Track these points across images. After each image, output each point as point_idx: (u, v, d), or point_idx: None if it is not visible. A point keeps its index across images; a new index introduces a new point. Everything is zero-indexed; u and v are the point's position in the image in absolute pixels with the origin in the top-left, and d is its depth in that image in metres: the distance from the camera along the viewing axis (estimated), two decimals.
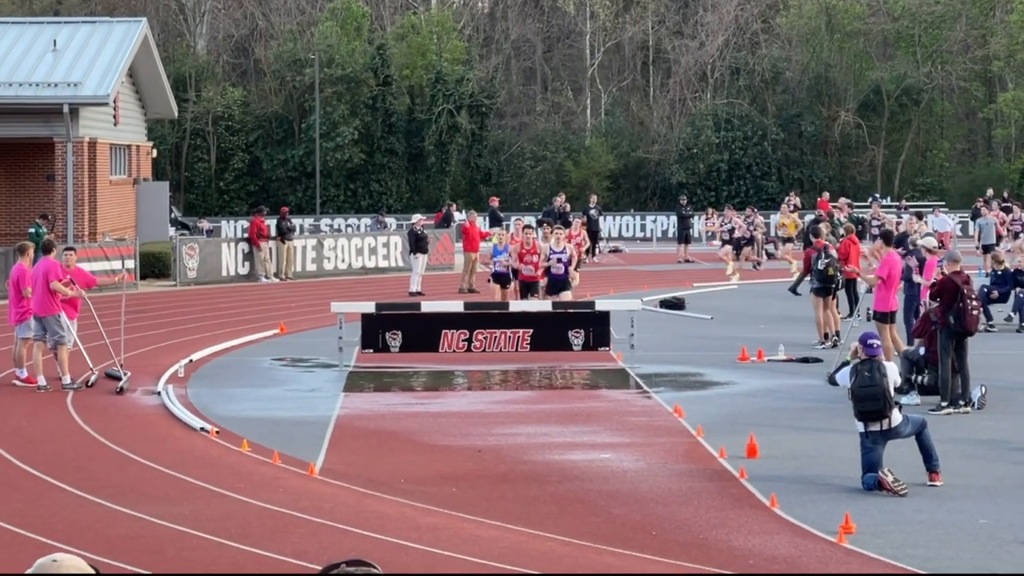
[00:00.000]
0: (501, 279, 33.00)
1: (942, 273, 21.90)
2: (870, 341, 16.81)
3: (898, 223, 44.91)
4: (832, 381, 16.67)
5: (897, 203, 64.06)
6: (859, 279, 28.40)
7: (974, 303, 21.34)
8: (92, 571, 4.49)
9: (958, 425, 19.95)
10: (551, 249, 30.73)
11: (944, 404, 20.93)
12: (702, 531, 14.47)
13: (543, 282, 31.17)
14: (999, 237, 44.93)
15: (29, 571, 4.47)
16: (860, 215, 52.51)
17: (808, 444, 18.93)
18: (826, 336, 28.55)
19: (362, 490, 16.29)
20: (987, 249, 38.09)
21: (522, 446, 19.09)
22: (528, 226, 32.59)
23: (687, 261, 53.07)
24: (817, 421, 20.59)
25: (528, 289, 31.22)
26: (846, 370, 16.79)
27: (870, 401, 16.22)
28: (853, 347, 17.11)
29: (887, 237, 27.60)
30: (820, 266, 28.76)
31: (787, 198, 56.72)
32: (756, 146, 74.84)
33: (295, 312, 35.87)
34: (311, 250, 48.61)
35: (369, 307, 27.45)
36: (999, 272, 31.08)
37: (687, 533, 14.38)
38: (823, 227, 32.41)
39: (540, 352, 26.64)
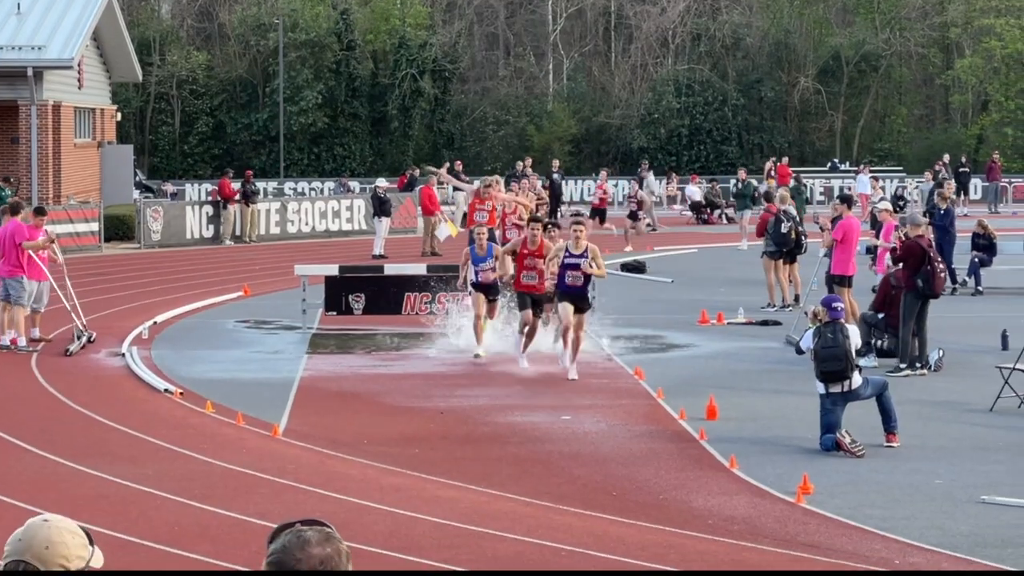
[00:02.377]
0: (485, 289, 23.61)
1: (904, 237, 22.08)
2: (834, 304, 17.04)
3: (850, 188, 45.11)
4: (799, 350, 16.85)
5: (855, 168, 64.25)
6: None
7: (940, 266, 21.59)
8: (83, 532, 4.56)
9: (915, 387, 20.17)
10: (568, 252, 21.69)
11: (902, 366, 21.15)
12: (662, 492, 14.65)
13: (550, 290, 22.65)
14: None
15: (19, 530, 4.51)
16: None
17: (767, 406, 19.13)
18: (783, 301, 28.83)
19: (325, 451, 16.42)
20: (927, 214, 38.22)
21: (484, 408, 19.24)
22: (536, 219, 23.88)
23: (648, 225, 53.17)
24: (776, 383, 20.79)
25: (535, 304, 22.76)
26: (808, 333, 16.98)
27: (832, 362, 16.42)
28: (813, 310, 17.30)
29: (846, 200, 27.91)
30: (784, 230, 29.04)
31: (767, 166, 56.75)
32: (717, 111, 74.99)
33: (259, 275, 35.89)
34: (275, 213, 48.57)
35: (332, 270, 27.52)
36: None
37: (647, 494, 14.55)
38: (777, 192, 32.65)
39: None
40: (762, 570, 11.59)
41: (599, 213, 47.97)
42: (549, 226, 23.79)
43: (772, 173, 54.21)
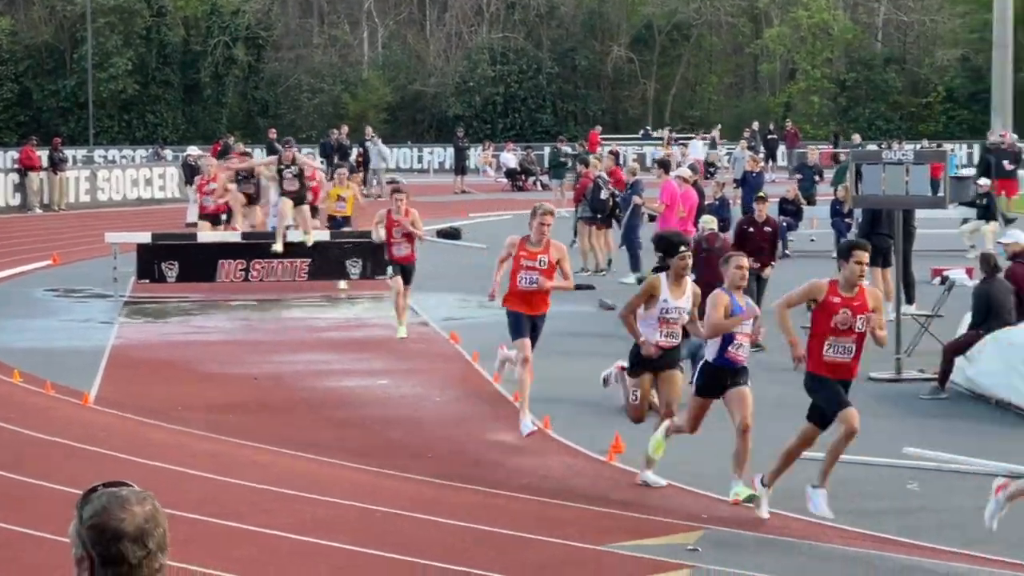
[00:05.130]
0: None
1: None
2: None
3: (668, 154, 45.59)
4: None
5: (666, 136, 65.05)
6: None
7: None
8: None
9: None
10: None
11: None
12: (478, 453, 14.77)
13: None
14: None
15: None
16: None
17: (581, 368, 19.28)
18: (597, 266, 29.19)
19: (138, 418, 16.26)
20: (738, 183, 38.84)
21: (300, 373, 19.20)
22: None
23: (463, 192, 53.37)
24: (590, 345, 21.02)
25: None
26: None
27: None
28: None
29: (663, 165, 28.41)
30: (603, 196, 29.40)
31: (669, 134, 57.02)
32: (531, 80, 75.35)
33: (68, 243, 35.29)
34: (84, 181, 47.75)
35: (145, 237, 27.18)
36: (717, 198, 31.23)
37: (463, 455, 14.66)
38: (592, 159, 33.04)
39: (318, 281, 26.71)
40: (575, 526, 11.76)
41: None
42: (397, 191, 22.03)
43: (670, 142, 54.26)
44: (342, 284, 27.17)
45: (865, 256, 11.93)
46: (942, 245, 30.61)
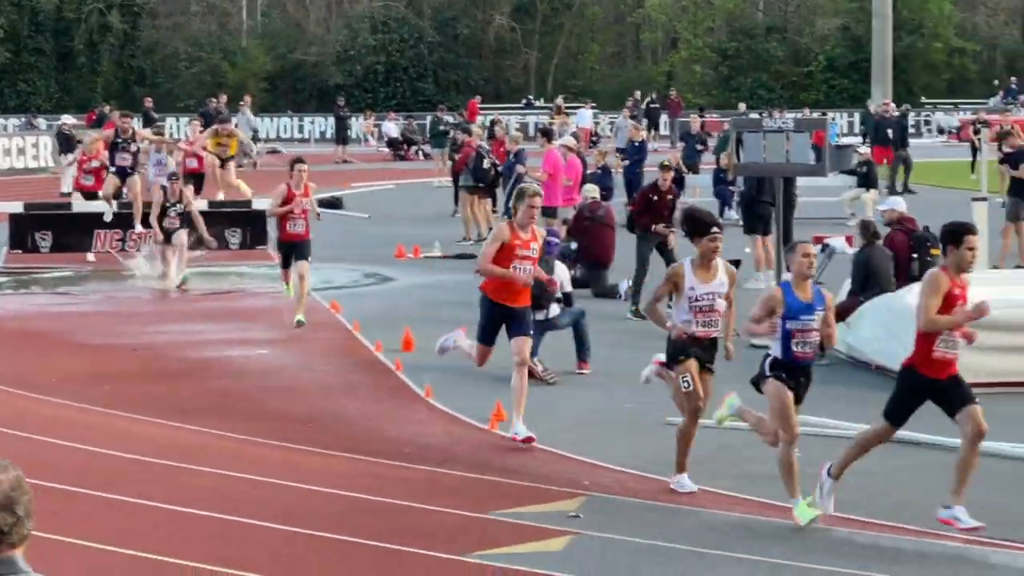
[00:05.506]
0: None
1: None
2: (548, 238, 17.36)
3: (563, 123, 45.55)
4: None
5: (550, 105, 65.06)
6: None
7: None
8: None
9: (608, 316, 20.44)
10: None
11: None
12: (359, 422, 14.67)
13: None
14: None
15: None
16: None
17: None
18: (479, 235, 29.13)
19: (11, 390, 15.95)
20: (620, 152, 38.93)
21: (178, 343, 18.96)
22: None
23: (345, 161, 53.07)
24: (471, 315, 20.79)
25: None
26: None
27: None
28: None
29: (546, 134, 28.60)
30: (485, 165, 29.36)
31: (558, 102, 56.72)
32: (413, 48, 75.01)
33: None
34: None
35: (17, 207, 26.70)
36: (600, 167, 31.29)
37: (344, 425, 14.55)
38: (474, 128, 33.00)
39: (197, 251, 26.35)
40: (457, 494, 11.69)
41: None
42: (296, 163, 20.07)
43: (561, 110, 53.96)
44: (89, 256, 26.17)
45: (977, 240, 10.76)
46: (823, 213, 30.87)
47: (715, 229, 11.67)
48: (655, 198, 21.78)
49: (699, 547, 10.23)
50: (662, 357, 12.17)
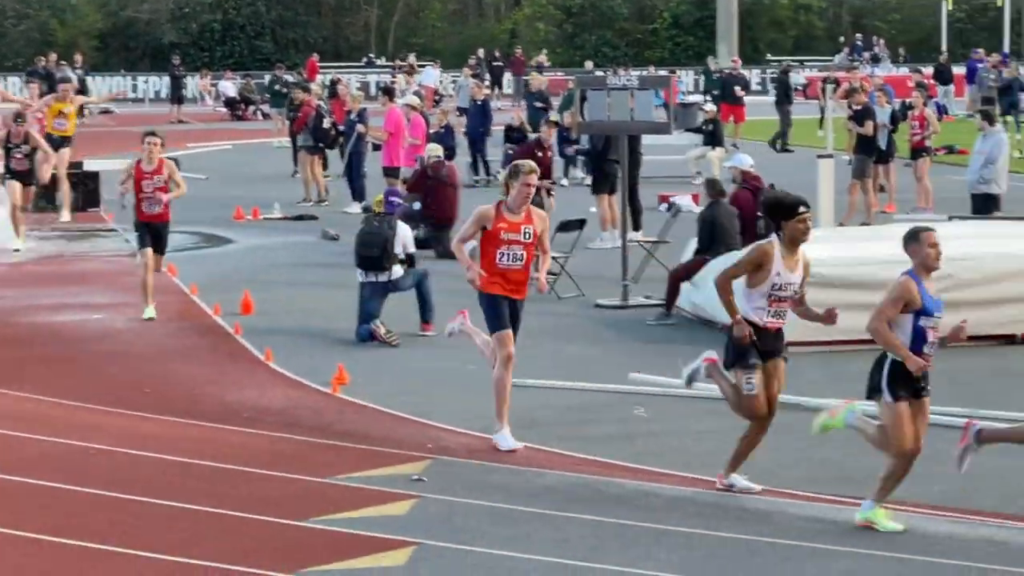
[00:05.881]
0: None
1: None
2: (391, 199, 17.24)
3: (394, 81, 45.11)
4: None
5: (391, 64, 64.57)
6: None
7: None
8: None
9: (451, 278, 20.18)
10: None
11: None
12: (196, 387, 14.37)
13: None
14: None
15: None
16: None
17: (303, 299, 19.01)
18: (325, 192, 28.87)
19: None
20: (461, 111, 38.68)
21: (7, 309, 18.45)
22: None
23: (180, 122, 52.17)
24: (312, 276, 20.68)
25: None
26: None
27: (370, 248, 16.47)
28: (376, 199, 17.40)
29: (388, 92, 28.44)
30: (325, 125, 29.07)
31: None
32: (250, 6, 73.89)
33: None
34: None
35: None
36: (443, 127, 31.09)
37: (181, 390, 14.24)
38: (313, 87, 32.67)
39: (26, 214, 25.64)
40: (298, 459, 11.46)
41: None
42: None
43: (412, 69, 53.23)
44: None
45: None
46: (669, 171, 30.93)
47: (803, 209, 10.40)
48: (540, 154, 21.74)
49: (543, 509, 10.12)
50: (713, 355, 10.85)
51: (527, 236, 12.11)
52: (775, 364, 10.53)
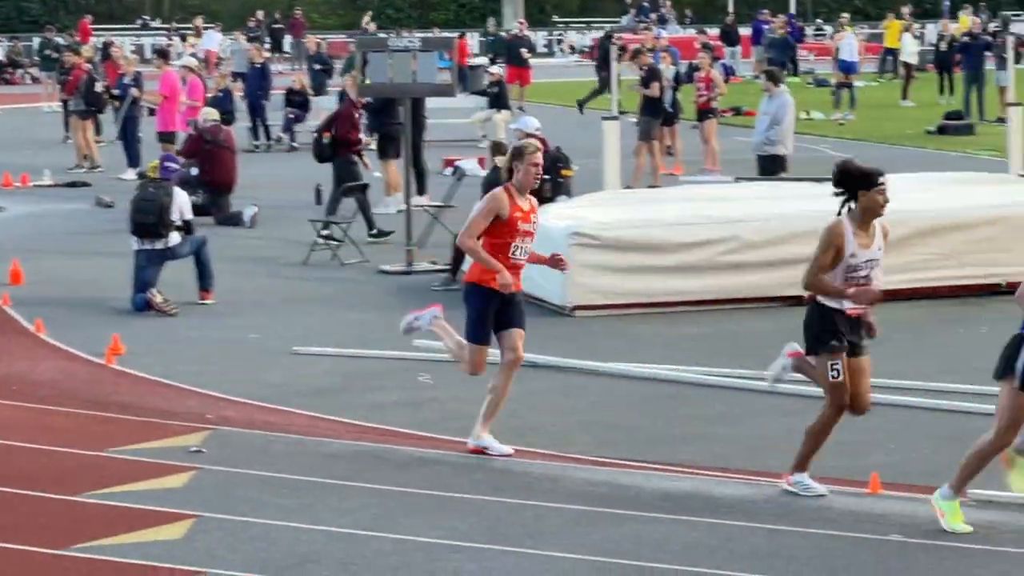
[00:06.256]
0: None
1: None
2: (167, 164, 16.72)
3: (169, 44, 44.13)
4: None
5: (167, 27, 63.20)
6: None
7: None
8: None
9: (232, 244, 19.64)
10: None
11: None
12: None
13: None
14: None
15: None
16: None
17: (76, 269, 18.44)
18: (86, 158, 28.16)
19: None
20: (236, 76, 37.98)
21: None
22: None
23: None
24: (86, 245, 20.09)
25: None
26: None
27: (144, 215, 15.99)
28: (151, 165, 16.90)
29: (163, 55, 28.23)
30: (98, 89, 28.58)
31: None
32: None
33: None
34: None
35: None
36: (221, 91, 30.68)
37: None
38: (85, 49, 31.99)
39: None
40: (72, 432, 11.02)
41: None
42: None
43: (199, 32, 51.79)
44: None
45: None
46: (454, 135, 30.69)
47: (881, 180, 9.38)
48: (357, 115, 21.40)
49: (326, 478, 9.88)
50: (797, 347, 9.81)
51: (536, 225, 10.81)
52: (862, 362, 9.55)
